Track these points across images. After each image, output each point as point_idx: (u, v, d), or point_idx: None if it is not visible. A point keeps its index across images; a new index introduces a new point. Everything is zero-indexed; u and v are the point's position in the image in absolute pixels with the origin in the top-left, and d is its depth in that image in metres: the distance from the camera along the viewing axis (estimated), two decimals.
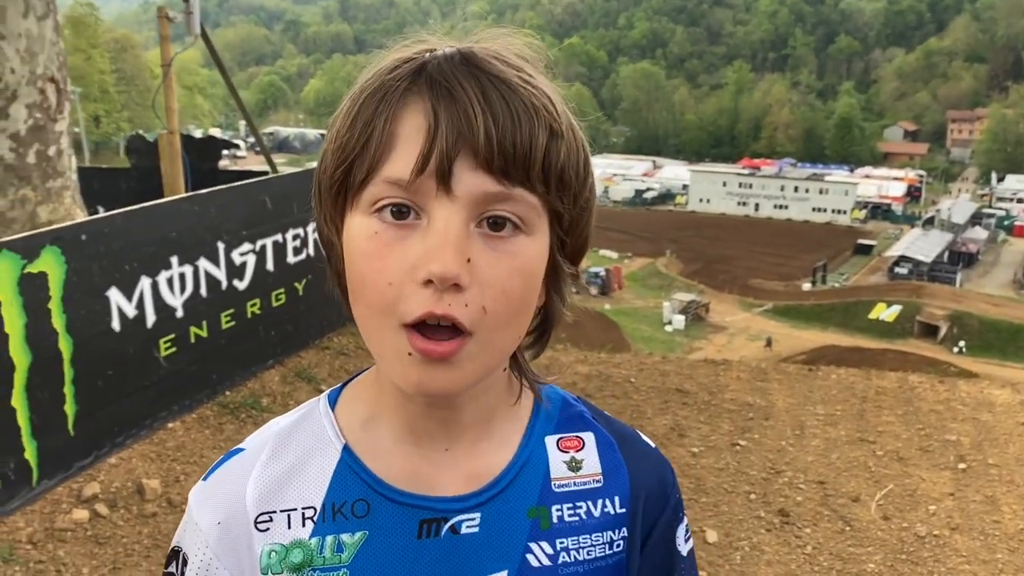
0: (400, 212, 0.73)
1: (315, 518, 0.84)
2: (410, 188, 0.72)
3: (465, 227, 0.72)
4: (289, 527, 0.84)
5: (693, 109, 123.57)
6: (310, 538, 0.83)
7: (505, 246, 0.74)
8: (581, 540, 0.88)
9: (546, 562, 0.86)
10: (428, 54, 0.83)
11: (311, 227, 6.38)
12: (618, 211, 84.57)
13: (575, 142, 0.83)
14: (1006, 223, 74.95)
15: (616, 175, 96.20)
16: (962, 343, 46.57)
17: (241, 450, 0.89)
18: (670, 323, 48.59)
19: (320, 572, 0.82)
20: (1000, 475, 5.25)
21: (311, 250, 6.58)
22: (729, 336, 47.91)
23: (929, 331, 48.69)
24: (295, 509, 0.84)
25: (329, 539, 0.83)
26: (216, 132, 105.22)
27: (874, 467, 5.38)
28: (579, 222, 0.86)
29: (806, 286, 57.10)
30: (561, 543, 0.87)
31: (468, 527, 0.84)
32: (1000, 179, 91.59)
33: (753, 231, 74.08)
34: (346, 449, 0.86)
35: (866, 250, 65.83)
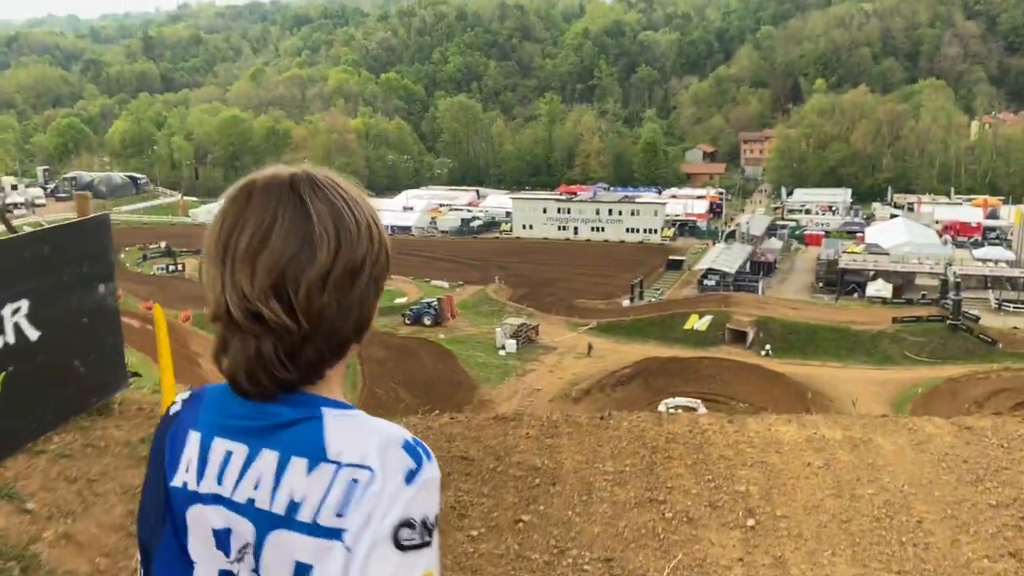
0: None
1: None
2: None
3: None
4: None
5: (510, 140, 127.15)
6: None
7: None
8: None
9: None
10: None
11: (8, 308, 5.01)
12: (447, 241, 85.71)
13: None
14: (797, 233, 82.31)
15: (443, 205, 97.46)
16: (768, 346, 50.68)
17: (415, 437, 1.19)
18: (503, 348, 49.86)
19: None
20: (789, 529, 5.04)
21: (10, 336, 5.03)
22: (559, 356, 49.79)
23: (739, 337, 52.63)
24: None
25: None
26: (10, 180, 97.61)
27: (663, 533, 5.01)
28: None
29: (625, 302, 60.22)
30: None
31: None
32: (789, 193, 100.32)
33: (574, 254, 77.27)
34: None
35: (677, 265, 70.24)
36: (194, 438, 1.24)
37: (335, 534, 1.10)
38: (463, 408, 41.29)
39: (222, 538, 1.19)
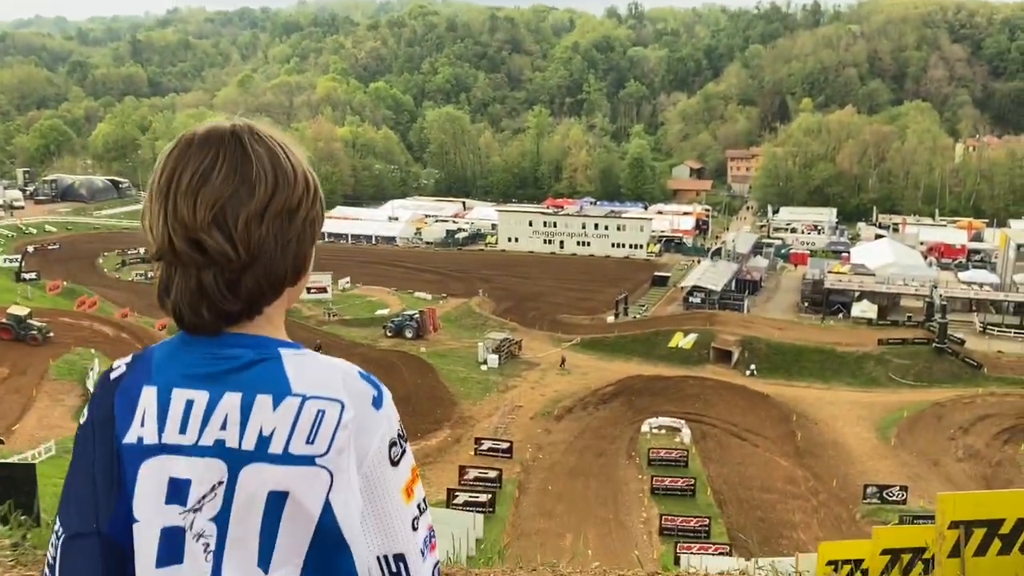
0: None
1: None
2: None
3: None
4: None
5: (498, 152, 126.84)
6: None
7: None
8: None
9: None
10: None
11: None
12: (431, 252, 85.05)
13: None
14: (783, 251, 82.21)
15: (428, 216, 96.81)
16: (753, 366, 50.26)
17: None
18: (485, 362, 49.18)
19: None
20: None
21: None
22: (542, 372, 49.14)
23: (724, 356, 52.20)
24: None
25: None
26: None
27: None
28: None
29: (610, 319, 59.71)
30: None
31: None
32: (775, 211, 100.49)
33: (559, 268, 76.80)
34: None
35: (662, 281, 69.86)
36: (149, 393, 1.28)
37: (308, 460, 1.22)
38: (443, 424, 40.64)
39: (180, 488, 1.24)
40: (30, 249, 73.08)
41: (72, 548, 1.28)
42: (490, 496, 30.92)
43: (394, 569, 1.32)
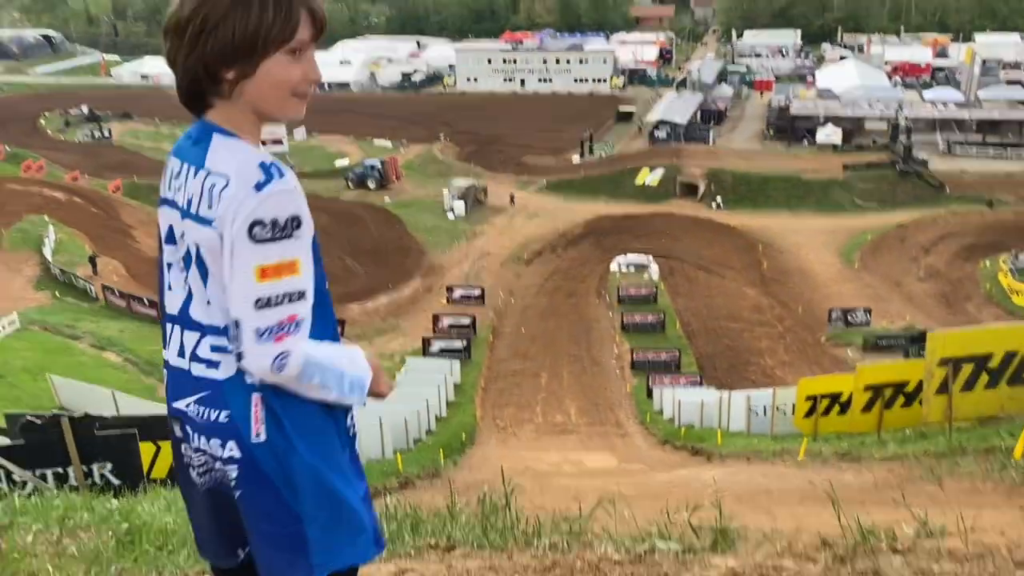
0: (295, 52, 1.59)
1: None
2: (305, 43, 1.60)
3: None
4: None
5: None
6: None
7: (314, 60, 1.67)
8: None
9: None
10: None
11: None
12: (387, 97, 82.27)
13: None
14: (747, 78, 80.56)
15: (381, 58, 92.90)
16: (719, 198, 50.25)
17: (273, 160, 1.57)
18: (451, 210, 48.60)
19: None
20: None
21: None
22: (509, 217, 48.79)
23: (690, 190, 52.08)
24: None
25: None
26: None
27: None
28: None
29: (575, 159, 58.84)
30: None
31: None
32: (739, 36, 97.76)
33: (521, 107, 74.81)
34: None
35: (627, 117, 68.52)
36: (169, 159, 1.71)
37: (208, 222, 1.55)
38: (414, 275, 40.56)
39: (169, 232, 1.66)
40: None
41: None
42: (465, 342, 31.22)
43: (234, 334, 1.55)
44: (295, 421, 1.61)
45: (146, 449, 7.40)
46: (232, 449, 1.60)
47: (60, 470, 7.01)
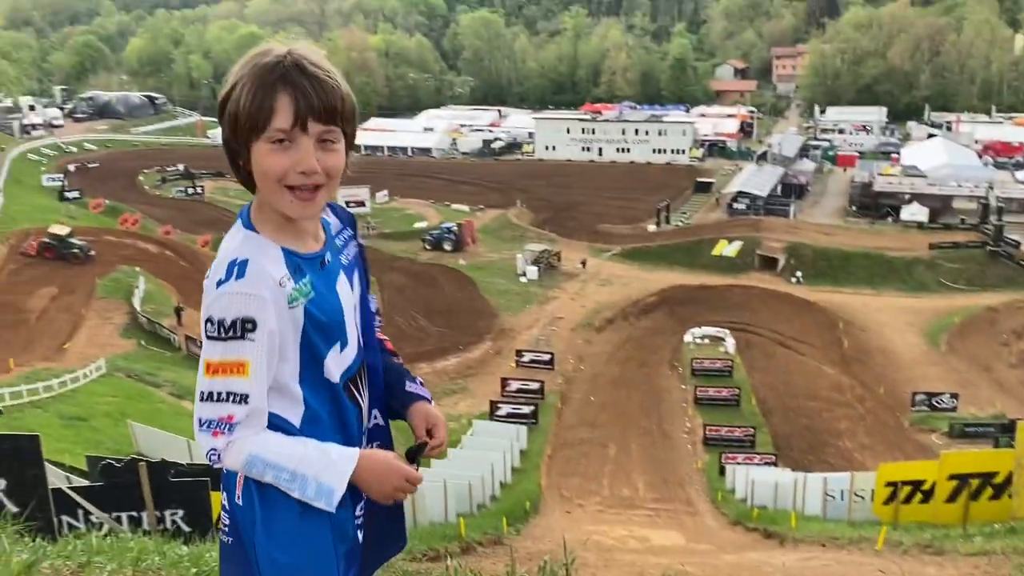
0: (281, 142, 1.64)
1: (291, 277, 1.70)
2: (288, 132, 1.63)
3: (312, 147, 1.65)
4: (286, 284, 1.68)
5: (534, 56, 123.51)
6: (297, 283, 1.70)
7: (330, 151, 1.69)
8: (349, 251, 1.92)
9: (347, 261, 1.90)
10: (280, 57, 1.66)
11: None
12: (467, 163, 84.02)
13: (352, 101, 1.72)
14: (830, 153, 79.67)
15: (464, 126, 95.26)
16: (799, 273, 49.31)
17: (246, 260, 1.65)
18: (524, 274, 48.91)
19: (313, 293, 1.73)
20: None
21: None
22: (581, 283, 48.78)
23: (769, 263, 51.25)
24: (283, 276, 1.69)
25: (302, 281, 1.71)
26: (27, 100, 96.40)
27: None
28: (354, 135, 1.76)
29: (651, 227, 58.74)
30: (346, 257, 1.90)
31: (327, 259, 1.82)
32: (822, 111, 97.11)
33: (598, 176, 75.38)
34: (280, 247, 1.72)
35: (705, 187, 68.32)
36: None
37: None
38: (484, 337, 40.70)
39: None
40: (71, 168, 73.61)
41: None
42: (533, 408, 31.01)
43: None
44: (266, 501, 1.70)
45: (216, 498, 7.54)
46: (226, 501, 1.77)
47: (135, 513, 7.19)
